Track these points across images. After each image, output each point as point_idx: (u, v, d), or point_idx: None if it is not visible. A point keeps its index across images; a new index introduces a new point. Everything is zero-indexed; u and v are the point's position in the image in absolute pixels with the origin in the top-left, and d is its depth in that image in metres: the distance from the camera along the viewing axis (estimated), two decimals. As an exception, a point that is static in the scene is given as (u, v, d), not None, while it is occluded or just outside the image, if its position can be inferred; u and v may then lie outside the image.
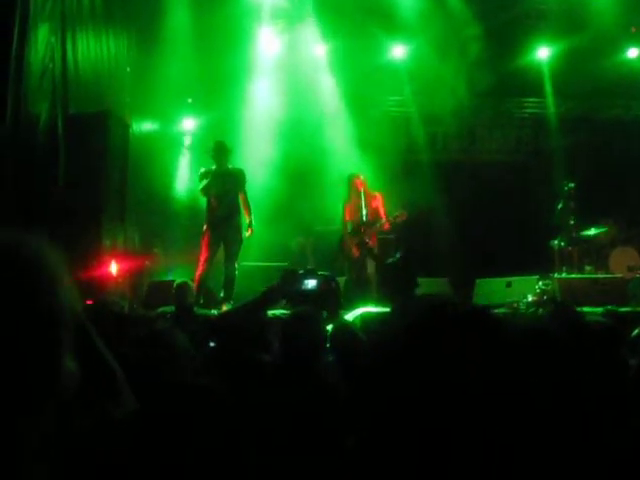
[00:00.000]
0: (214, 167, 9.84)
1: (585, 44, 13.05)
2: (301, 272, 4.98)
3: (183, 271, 10.92)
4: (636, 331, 3.40)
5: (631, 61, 13.99)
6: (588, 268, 11.79)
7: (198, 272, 9.49)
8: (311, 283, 4.66)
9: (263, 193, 11.39)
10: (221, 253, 9.75)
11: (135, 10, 11.44)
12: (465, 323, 1.42)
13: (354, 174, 10.89)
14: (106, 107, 10.32)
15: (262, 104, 13.06)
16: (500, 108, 14.58)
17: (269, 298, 4.26)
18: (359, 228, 10.63)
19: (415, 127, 14.00)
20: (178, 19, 11.95)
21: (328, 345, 4.40)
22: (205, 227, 9.79)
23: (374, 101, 13.37)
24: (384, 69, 13.28)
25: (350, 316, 7.71)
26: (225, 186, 9.73)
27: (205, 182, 9.80)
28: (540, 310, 7.94)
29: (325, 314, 4.78)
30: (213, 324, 6.95)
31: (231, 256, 9.62)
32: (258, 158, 12.16)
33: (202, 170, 10.01)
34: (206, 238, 9.67)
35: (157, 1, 11.78)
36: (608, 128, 14.62)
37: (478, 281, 10.69)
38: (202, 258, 9.57)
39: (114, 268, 9.63)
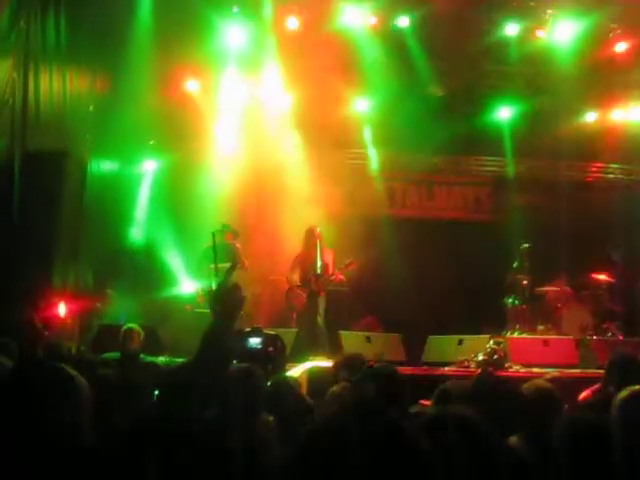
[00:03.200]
0: None
1: (546, 106, 13.30)
2: (247, 330, 4.93)
3: (136, 314, 10.79)
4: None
5: (589, 125, 14.24)
6: (540, 327, 11.83)
7: None
8: (256, 341, 4.61)
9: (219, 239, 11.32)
10: None
11: (102, 48, 11.43)
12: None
13: (312, 226, 10.91)
14: (65, 146, 10.25)
15: (223, 149, 13.07)
16: (460, 166, 14.72)
17: (207, 344, 4.18)
18: (309, 279, 10.60)
19: (374, 181, 14.06)
20: (145, 58, 11.95)
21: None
22: None
23: (334, 153, 13.43)
24: (346, 122, 13.37)
25: (297, 370, 7.63)
26: None
27: None
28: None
29: (269, 371, 4.73)
30: (160, 377, 6.85)
31: None
32: (215, 200, 12.16)
33: None
34: None
35: (124, 40, 11.77)
36: (565, 189, 14.84)
37: (430, 338, 10.69)
38: None
39: (62, 309, 9.49)
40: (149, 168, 13.32)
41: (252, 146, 13.02)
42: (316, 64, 12.05)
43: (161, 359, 8.61)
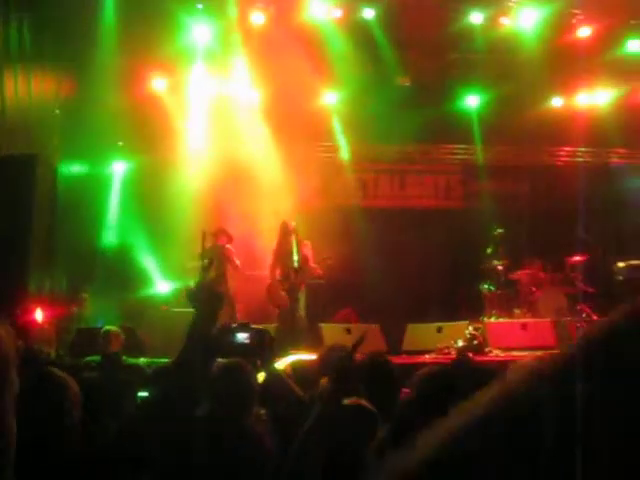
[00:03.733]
0: None
1: (512, 93, 13.41)
2: (234, 326, 4.96)
3: (113, 316, 10.74)
4: None
5: (556, 109, 14.39)
6: (517, 312, 11.97)
7: None
8: (243, 336, 4.62)
9: (193, 238, 11.29)
10: None
11: (66, 50, 11.34)
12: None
13: (285, 220, 10.93)
14: (33, 150, 10.16)
15: (192, 147, 13.02)
16: (430, 154, 14.80)
17: (193, 338, 4.18)
18: (289, 274, 10.62)
19: (346, 172, 14.10)
20: (111, 60, 11.87)
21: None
22: None
23: (305, 146, 13.44)
24: (316, 114, 13.38)
25: (280, 364, 7.63)
26: None
27: None
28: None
29: (258, 364, 4.73)
30: (148, 378, 6.83)
31: None
32: (189, 201, 12.12)
33: None
34: None
35: (89, 41, 11.69)
36: (535, 174, 15.01)
37: (409, 326, 10.74)
38: None
39: (39, 315, 9.41)
40: (119, 169, 13.22)
41: (222, 143, 12.97)
42: (283, 58, 12.03)
43: (142, 360, 8.57)
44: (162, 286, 12.36)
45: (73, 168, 12.31)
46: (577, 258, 12.38)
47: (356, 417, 3.69)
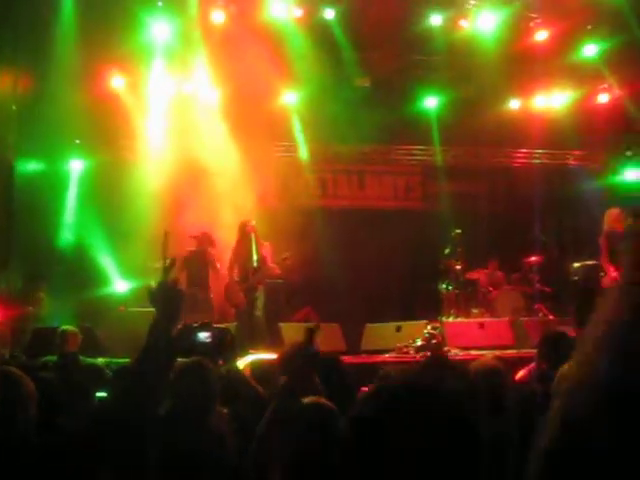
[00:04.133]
0: None
1: (471, 95, 13.53)
2: (196, 325, 4.94)
3: (69, 315, 10.62)
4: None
5: (513, 112, 14.55)
6: (475, 311, 12.09)
7: None
8: (204, 336, 4.61)
9: (152, 237, 11.20)
10: None
11: (24, 47, 11.19)
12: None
13: (244, 220, 10.90)
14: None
15: (151, 146, 12.92)
16: (389, 155, 14.87)
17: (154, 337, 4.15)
18: (247, 274, 10.61)
19: (305, 172, 14.12)
20: (70, 56, 11.73)
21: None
22: None
23: (265, 146, 13.42)
24: (275, 114, 13.37)
25: (240, 363, 7.62)
26: None
27: None
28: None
29: (220, 363, 4.72)
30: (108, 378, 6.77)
31: None
32: (147, 200, 12.04)
33: None
34: None
35: (47, 38, 11.55)
36: (493, 175, 15.18)
37: (368, 326, 10.79)
38: None
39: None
40: (76, 167, 13.07)
41: (181, 142, 12.89)
42: (243, 57, 12.00)
43: (100, 360, 8.48)
44: (120, 285, 12.26)
45: (30, 165, 12.15)
46: (534, 258, 12.56)
47: (315, 414, 3.71)
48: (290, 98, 13.68)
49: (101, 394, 6.29)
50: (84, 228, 12.49)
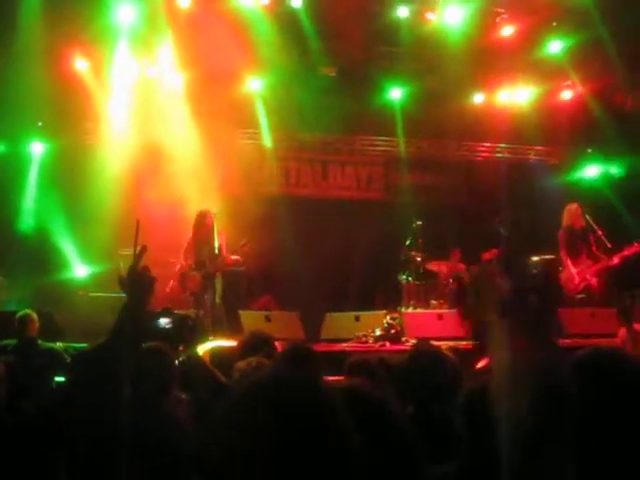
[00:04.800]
0: None
1: (435, 87, 13.62)
2: (157, 311, 4.96)
3: (29, 301, 10.51)
4: None
5: (477, 106, 14.67)
6: (434, 302, 12.19)
7: None
8: (165, 321, 4.63)
9: (114, 222, 11.13)
10: None
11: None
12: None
13: (204, 210, 10.83)
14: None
15: (114, 130, 12.80)
16: (353, 145, 14.91)
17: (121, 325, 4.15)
18: (204, 262, 10.57)
19: (268, 160, 14.10)
20: (32, 37, 11.57)
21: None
22: None
23: (228, 132, 13.38)
24: (240, 100, 13.33)
25: (199, 350, 7.60)
26: None
27: None
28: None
29: (180, 349, 4.74)
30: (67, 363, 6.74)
31: None
32: (109, 185, 11.95)
33: None
34: None
35: (9, 18, 11.38)
36: (455, 168, 15.30)
37: (328, 315, 10.84)
38: None
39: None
40: (38, 150, 12.91)
41: (145, 126, 12.79)
42: (209, 42, 11.92)
43: (59, 345, 8.44)
44: (80, 270, 12.17)
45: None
46: (494, 251, 12.68)
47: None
48: (255, 85, 13.64)
49: (59, 378, 6.28)
50: (45, 212, 12.35)
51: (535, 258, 12.23)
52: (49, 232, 12.19)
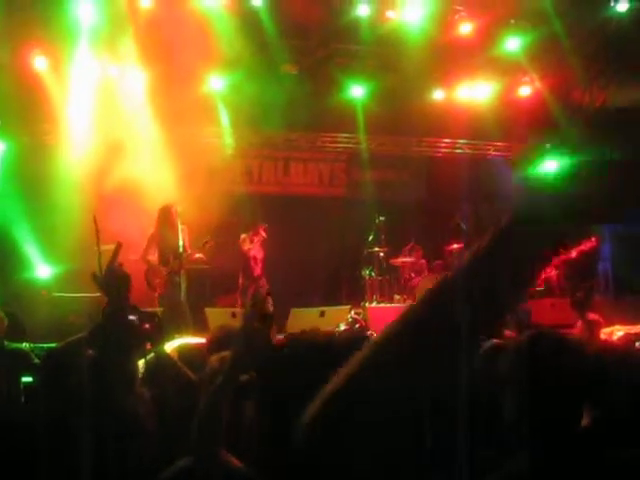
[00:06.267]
0: None
1: (396, 84, 13.73)
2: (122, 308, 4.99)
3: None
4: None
5: (437, 102, 14.82)
6: (397, 297, 12.34)
7: None
8: (132, 319, 4.66)
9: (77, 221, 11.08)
10: None
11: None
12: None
13: (167, 204, 10.80)
14: None
15: (75, 130, 12.74)
16: (315, 142, 15.00)
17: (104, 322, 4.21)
18: (168, 259, 10.55)
19: (231, 158, 14.13)
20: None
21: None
22: None
23: (190, 131, 13.38)
24: (202, 99, 13.34)
25: (166, 348, 7.61)
26: None
27: None
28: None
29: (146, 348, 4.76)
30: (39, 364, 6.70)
31: None
32: (70, 184, 11.91)
33: None
34: None
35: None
36: (416, 164, 15.47)
37: (293, 310, 10.90)
38: None
39: None
40: (-2, 150, 12.81)
41: (107, 125, 12.77)
42: (170, 41, 11.93)
43: (25, 345, 8.38)
44: (43, 270, 12.09)
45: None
46: (455, 246, 12.86)
47: None
48: (217, 83, 13.64)
49: (27, 379, 6.27)
50: (6, 212, 12.26)
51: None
52: (11, 232, 12.09)
